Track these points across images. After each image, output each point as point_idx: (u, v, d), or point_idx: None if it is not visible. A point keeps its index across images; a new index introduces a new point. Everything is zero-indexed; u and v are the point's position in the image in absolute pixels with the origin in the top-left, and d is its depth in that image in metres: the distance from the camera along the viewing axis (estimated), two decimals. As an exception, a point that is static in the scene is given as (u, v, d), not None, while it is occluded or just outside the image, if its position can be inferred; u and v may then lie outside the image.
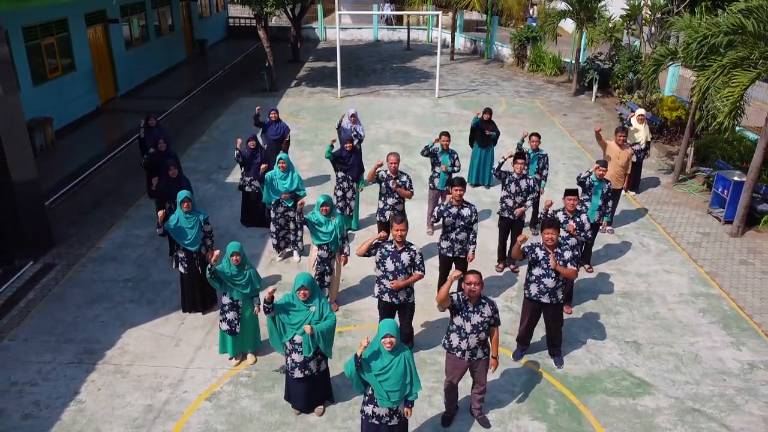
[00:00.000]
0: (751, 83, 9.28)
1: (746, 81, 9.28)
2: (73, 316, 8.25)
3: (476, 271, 5.96)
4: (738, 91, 9.26)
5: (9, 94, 9.02)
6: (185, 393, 6.87)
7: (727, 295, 8.94)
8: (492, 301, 6.00)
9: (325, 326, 6.05)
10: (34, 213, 9.74)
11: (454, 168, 10.29)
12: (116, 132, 15.53)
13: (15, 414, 6.55)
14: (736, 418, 6.60)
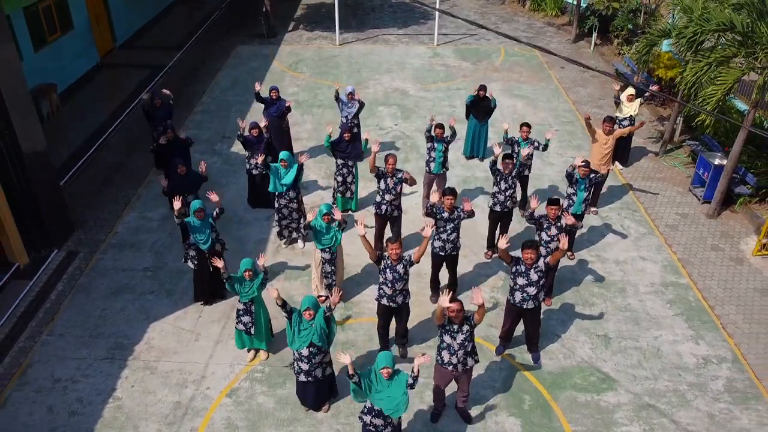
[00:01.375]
0: (735, 82, 9.64)
1: (731, 80, 9.65)
2: (101, 309, 9.14)
3: (458, 299, 6.77)
4: (722, 90, 9.65)
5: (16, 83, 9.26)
6: (208, 390, 7.88)
7: (695, 284, 9.81)
8: (472, 326, 6.83)
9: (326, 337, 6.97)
10: (52, 198, 10.34)
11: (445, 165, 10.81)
12: (118, 92, 15.74)
13: (63, 411, 7.58)
14: (685, 413, 7.65)
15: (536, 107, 15.78)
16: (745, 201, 11.51)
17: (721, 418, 7.59)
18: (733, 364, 8.37)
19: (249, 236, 10.77)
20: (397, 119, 15.09)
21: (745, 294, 9.61)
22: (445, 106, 15.78)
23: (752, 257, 10.40)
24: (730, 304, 9.41)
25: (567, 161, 13.23)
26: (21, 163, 9.62)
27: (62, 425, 7.40)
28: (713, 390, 7.98)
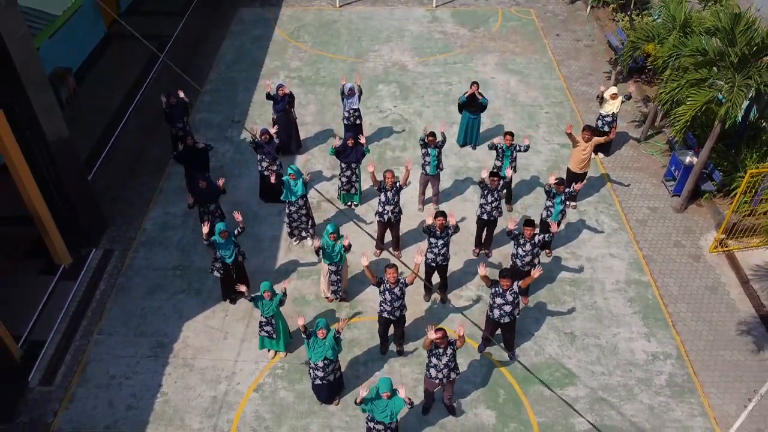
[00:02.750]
0: (704, 105, 10.61)
1: (701, 101, 10.62)
2: (140, 309, 10.65)
3: (442, 328, 8.24)
4: (691, 112, 10.64)
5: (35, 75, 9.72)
6: (238, 385, 9.53)
7: (654, 282, 11.26)
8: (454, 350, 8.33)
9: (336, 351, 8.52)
10: (84, 195, 11.45)
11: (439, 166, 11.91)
12: (130, 68, 16.43)
13: (121, 405, 9.25)
14: (630, 406, 9.34)
15: (528, 85, 16.56)
16: (710, 196, 12.73)
17: (659, 410, 9.29)
18: (677, 360, 9.99)
19: (264, 233, 12.08)
20: (395, 100, 15.94)
21: (696, 292, 11.09)
22: (441, 83, 16.55)
23: (708, 254, 11.79)
24: (682, 302, 10.91)
25: (554, 149, 14.30)
26: (52, 161, 10.53)
27: (122, 418, 9.09)
28: (656, 384, 9.64)
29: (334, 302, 10.75)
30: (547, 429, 9.05)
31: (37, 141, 10.16)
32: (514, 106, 15.75)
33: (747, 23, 10.01)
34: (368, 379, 9.52)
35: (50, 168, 10.65)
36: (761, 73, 10.14)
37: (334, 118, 15.11)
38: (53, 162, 10.56)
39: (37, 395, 9.35)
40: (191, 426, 9.00)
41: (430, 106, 15.73)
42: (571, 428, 9.07)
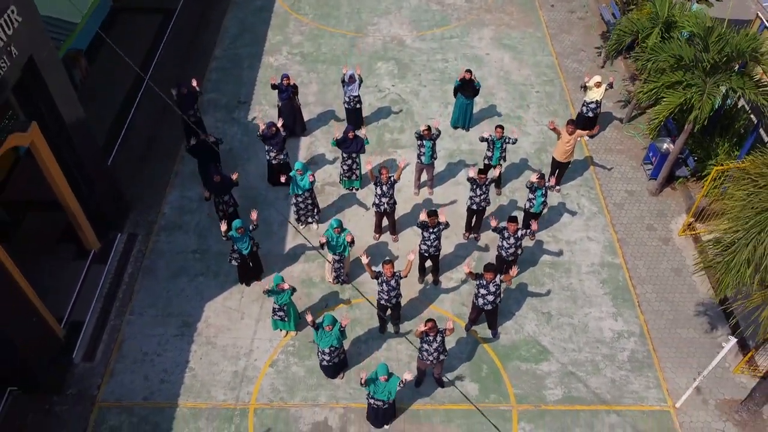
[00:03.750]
0: (677, 106, 11.51)
1: (675, 102, 11.51)
2: (166, 291, 11.95)
3: (432, 319, 9.53)
4: (665, 113, 11.56)
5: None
6: (256, 361, 10.96)
7: (625, 264, 12.52)
8: (443, 336, 9.66)
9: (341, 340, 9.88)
10: (106, 181, 12.48)
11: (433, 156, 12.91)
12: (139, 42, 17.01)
13: (155, 379, 10.72)
14: (595, 379, 10.81)
15: (521, 62, 17.24)
16: (684, 181, 13.79)
17: (619, 383, 10.76)
18: (639, 338, 11.39)
19: (272, 218, 13.21)
20: (394, 78, 16.68)
21: (663, 273, 12.37)
22: (438, 60, 17.23)
23: (677, 237, 13.00)
24: (649, 284, 12.21)
25: (543, 130, 15.21)
26: (72, 149, 11.43)
27: (156, 390, 10.57)
28: (619, 360, 11.07)
29: (337, 285, 12.04)
30: (522, 399, 10.55)
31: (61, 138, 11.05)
32: (507, 85, 16.51)
33: (719, 34, 10.77)
34: (368, 357, 10.92)
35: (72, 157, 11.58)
36: (731, 79, 10.99)
37: (335, 98, 15.90)
38: (74, 151, 11.45)
39: (81, 370, 10.79)
40: (216, 397, 10.49)
41: (426, 85, 16.49)
42: (542, 399, 10.56)
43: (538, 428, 10.22)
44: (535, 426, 10.24)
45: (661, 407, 10.48)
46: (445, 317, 11.39)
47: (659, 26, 12.61)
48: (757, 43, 10.68)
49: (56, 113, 10.44)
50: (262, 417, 10.27)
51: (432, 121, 13.64)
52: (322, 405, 10.40)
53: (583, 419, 10.32)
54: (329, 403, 10.43)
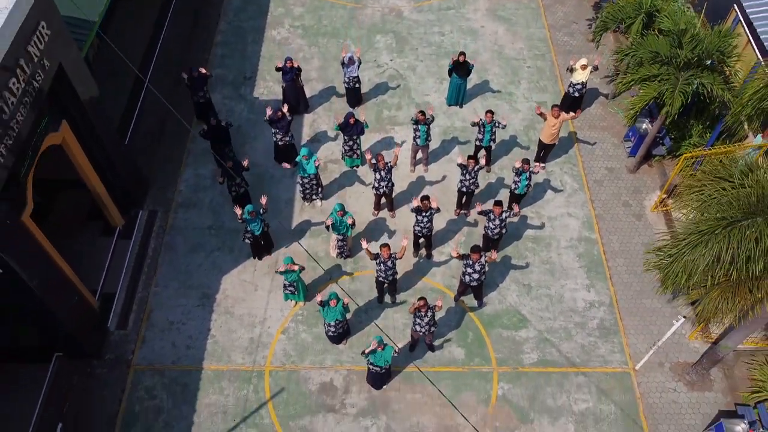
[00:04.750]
0: (651, 99, 12.48)
1: (651, 94, 12.48)
2: (186, 264, 13.31)
3: (423, 297, 10.92)
4: (641, 104, 12.55)
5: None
6: (269, 329, 12.46)
7: (601, 239, 13.82)
8: (434, 312, 11.08)
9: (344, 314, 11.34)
10: (124, 160, 13.57)
11: (428, 138, 13.95)
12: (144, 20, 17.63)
13: (181, 345, 12.24)
14: (567, 345, 12.33)
15: (515, 35, 17.93)
16: (660, 159, 14.89)
17: (588, 348, 12.29)
18: (608, 308, 12.84)
19: (279, 195, 14.40)
20: (392, 53, 17.43)
21: (634, 248, 13.68)
22: (435, 33, 17.91)
23: (650, 213, 14.23)
24: (621, 257, 13.55)
25: (532, 107, 16.14)
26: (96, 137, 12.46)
27: (183, 356, 12.11)
28: (589, 327, 12.56)
29: (341, 259, 13.38)
30: (502, 363, 12.11)
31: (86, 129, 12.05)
32: (500, 59, 17.29)
33: (692, 35, 11.61)
34: (368, 325, 12.39)
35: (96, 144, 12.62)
36: (702, 75, 11.91)
37: (336, 74, 16.72)
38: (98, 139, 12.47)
39: (116, 337, 12.30)
40: (236, 361, 12.04)
41: (423, 59, 17.27)
42: (520, 362, 12.12)
43: (515, 388, 11.82)
44: (512, 386, 11.84)
45: (622, 369, 12.05)
46: (437, 289, 12.82)
47: (642, 15, 13.35)
48: (723, 43, 11.53)
49: (82, 109, 11.43)
50: (276, 378, 11.85)
51: (427, 106, 14.56)
52: (328, 368, 11.97)
53: (555, 380, 11.91)
54: (334, 366, 11.99)
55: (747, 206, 7.32)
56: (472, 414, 11.44)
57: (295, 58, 16.82)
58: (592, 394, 11.73)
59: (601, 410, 11.55)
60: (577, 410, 11.56)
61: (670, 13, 12.36)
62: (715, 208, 7.67)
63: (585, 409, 11.57)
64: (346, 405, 11.54)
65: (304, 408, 11.49)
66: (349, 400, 11.60)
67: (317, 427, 11.29)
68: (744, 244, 7.12)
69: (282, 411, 11.45)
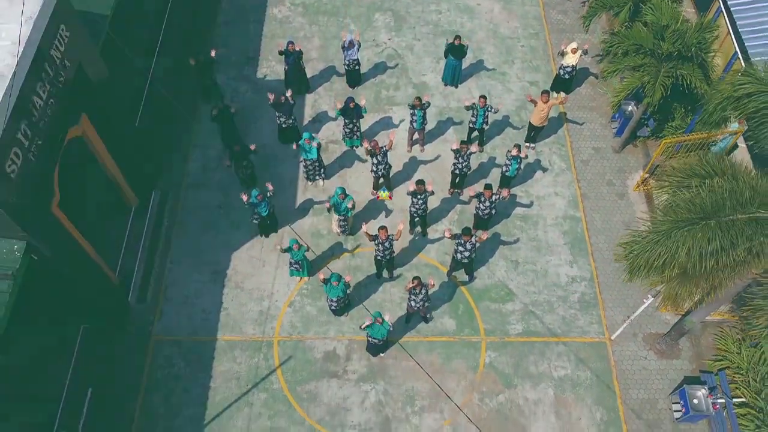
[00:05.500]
0: (635, 87, 13.22)
1: (634, 84, 13.22)
2: (197, 242, 14.30)
3: (417, 277, 11.97)
4: (624, 93, 13.31)
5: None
6: (276, 302, 13.57)
7: (585, 217, 14.79)
8: (427, 289, 12.15)
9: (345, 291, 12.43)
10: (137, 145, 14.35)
11: (424, 122, 14.74)
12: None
13: (197, 318, 13.36)
14: (549, 317, 13.47)
15: (510, 13, 18.42)
16: (644, 140, 15.70)
17: (569, 319, 13.43)
18: (589, 282, 13.92)
19: (284, 174, 15.27)
20: (390, 31, 17.97)
21: (615, 226, 14.66)
22: (432, 12, 18.39)
23: (632, 192, 15.15)
24: (602, 235, 14.54)
25: (524, 87, 16.84)
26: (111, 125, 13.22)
27: (199, 327, 13.25)
28: (571, 300, 13.68)
29: (342, 236, 14.38)
30: (490, 333, 13.28)
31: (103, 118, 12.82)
32: (495, 38, 17.85)
33: (673, 30, 12.26)
34: (367, 299, 13.49)
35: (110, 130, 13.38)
36: (683, 67, 12.62)
37: (336, 53, 17.31)
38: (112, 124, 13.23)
39: (137, 310, 13.42)
40: (247, 332, 13.20)
41: (420, 38, 17.83)
42: (506, 332, 13.29)
43: (501, 356, 13.02)
44: (499, 354, 13.04)
45: (599, 339, 13.22)
46: (431, 265, 13.88)
47: (629, 4, 13.92)
48: (702, 37, 12.21)
49: (98, 100, 12.18)
50: (284, 347, 13.04)
51: (424, 93, 15.22)
52: (331, 338, 13.14)
53: (537, 349, 13.10)
54: (337, 336, 13.16)
55: (702, 210, 8.24)
56: (461, 379, 12.67)
57: (296, 37, 17.46)
58: (571, 361, 12.94)
59: (578, 376, 12.78)
60: (556, 376, 12.79)
61: (655, 5, 12.92)
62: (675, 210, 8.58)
63: (564, 375, 12.80)
64: (348, 371, 12.76)
65: (310, 374, 12.72)
66: (350, 367, 12.81)
67: (322, 392, 12.54)
68: (697, 243, 8.08)
69: (290, 377, 12.68)
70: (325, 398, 12.47)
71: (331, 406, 12.39)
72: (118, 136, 13.64)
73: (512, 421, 12.33)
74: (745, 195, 8.13)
